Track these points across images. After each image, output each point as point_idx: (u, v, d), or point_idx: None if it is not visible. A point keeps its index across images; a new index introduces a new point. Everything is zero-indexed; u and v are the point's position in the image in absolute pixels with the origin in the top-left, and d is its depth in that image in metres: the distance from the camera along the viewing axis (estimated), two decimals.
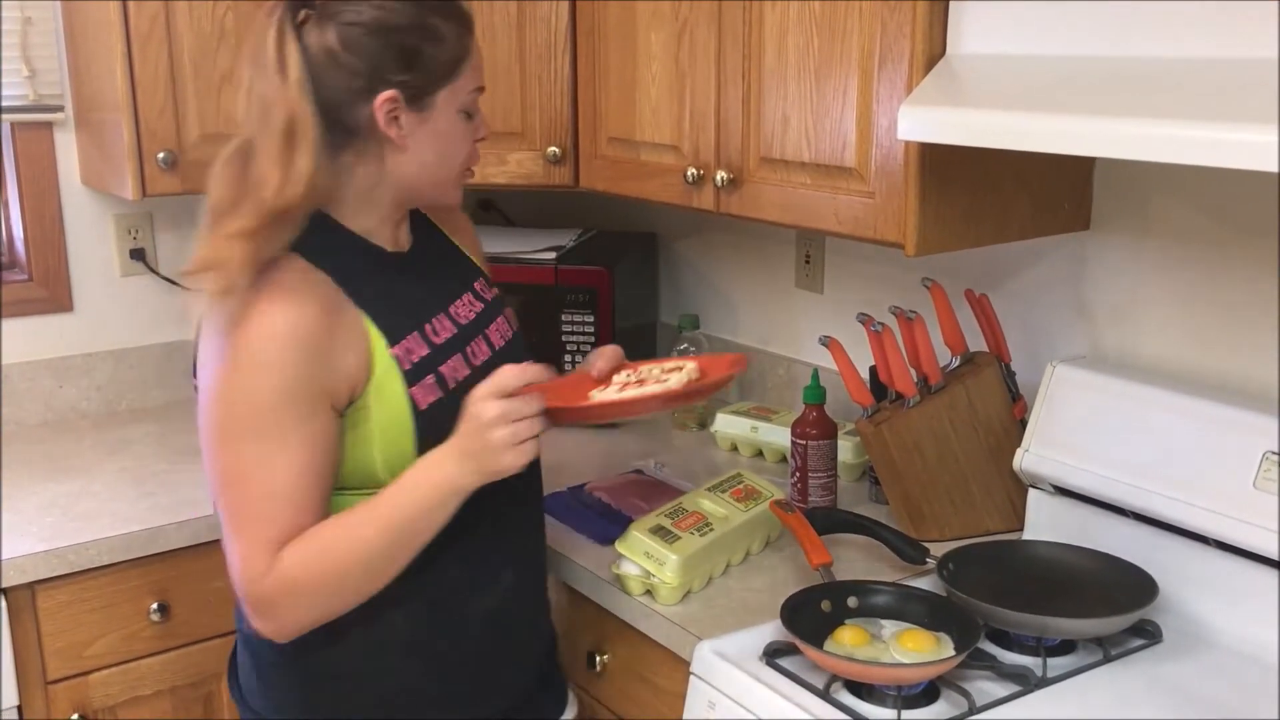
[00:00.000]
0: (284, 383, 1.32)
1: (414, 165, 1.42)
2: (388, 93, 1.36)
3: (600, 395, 1.49)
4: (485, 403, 1.33)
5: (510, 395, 1.33)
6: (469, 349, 1.49)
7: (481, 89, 1.47)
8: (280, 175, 1.32)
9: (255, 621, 1.39)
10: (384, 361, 1.39)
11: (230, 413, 1.34)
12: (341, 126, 1.37)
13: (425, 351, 1.44)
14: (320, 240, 1.39)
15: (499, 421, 1.32)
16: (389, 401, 1.39)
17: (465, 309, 1.53)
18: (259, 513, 1.34)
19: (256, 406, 1.32)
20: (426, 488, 1.36)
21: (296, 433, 1.34)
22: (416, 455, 1.39)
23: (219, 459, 1.36)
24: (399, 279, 1.46)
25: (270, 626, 1.39)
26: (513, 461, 1.34)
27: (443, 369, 1.44)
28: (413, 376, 1.41)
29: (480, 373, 1.43)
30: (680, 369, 1.49)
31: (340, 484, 1.41)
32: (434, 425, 1.39)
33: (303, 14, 1.35)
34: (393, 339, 1.40)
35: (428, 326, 1.46)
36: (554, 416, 1.39)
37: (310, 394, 1.34)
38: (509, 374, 1.34)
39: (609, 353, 1.56)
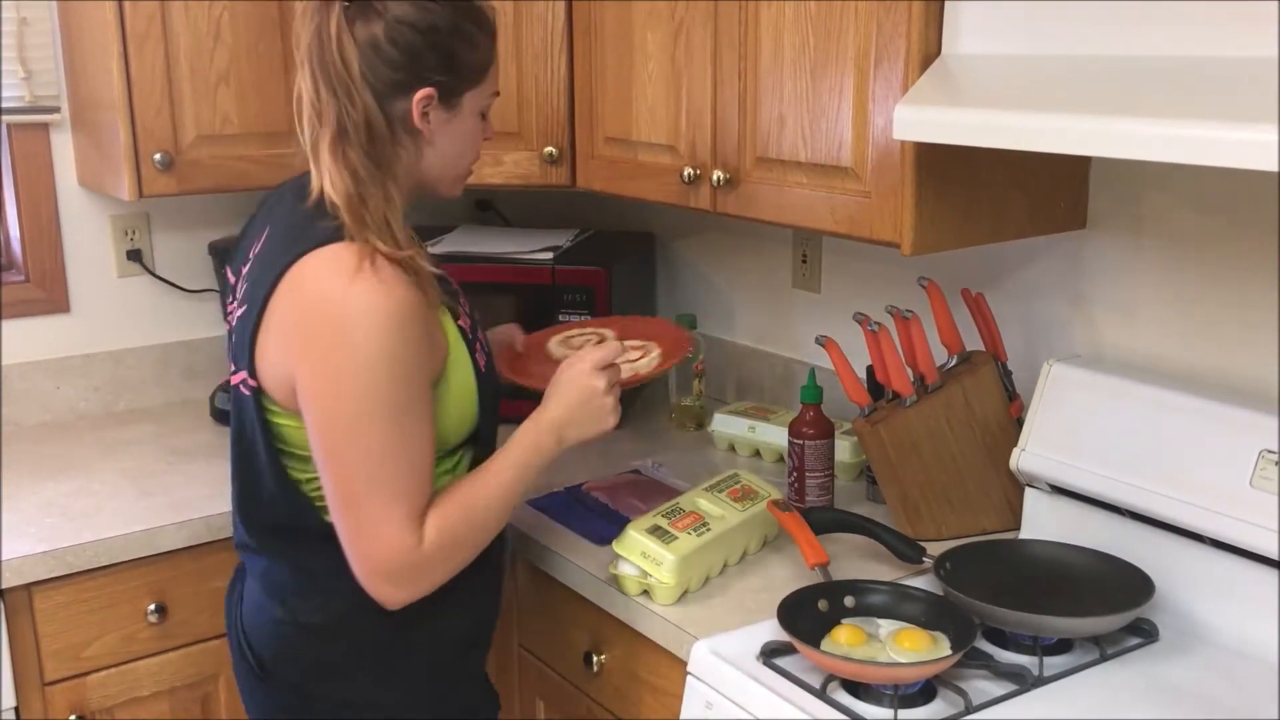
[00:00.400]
0: (412, 356, 1.40)
1: (436, 160, 1.52)
2: (426, 90, 1.45)
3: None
4: (597, 375, 1.53)
5: (609, 365, 1.55)
6: (478, 342, 1.57)
7: (498, 94, 1.57)
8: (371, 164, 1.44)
9: (389, 590, 1.44)
10: (454, 332, 1.50)
11: (362, 402, 1.38)
12: (383, 117, 1.45)
13: (469, 323, 1.56)
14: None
15: (609, 391, 1.54)
16: (461, 368, 1.50)
17: (465, 305, 1.60)
18: (408, 486, 1.41)
19: (387, 391, 1.38)
20: (538, 451, 1.52)
21: (426, 405, 1.43)
22: (478, 416, 1.52)
23: (362, 440, 1.39)
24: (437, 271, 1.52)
25: (406, 593, 1.45)
26: (614, 422, 1.55)
27: (476, 352, 1.55)
28: (471, 345, 1.53)
29: (490, 363, 1.58)
30: (644, 351, 1.79)
31: None
32: (488, 387, 1.54)
33: (344, 6, 1.41)
34: (455, 314, 1.52)
35: (460, 309, 1.56)
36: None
37: (425, 367, 1.43)
38: (611, 349, 1.57)
39: (513, 329, 1.85)
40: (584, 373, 1.54)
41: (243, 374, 1.49)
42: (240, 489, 1.58)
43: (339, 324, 1.37)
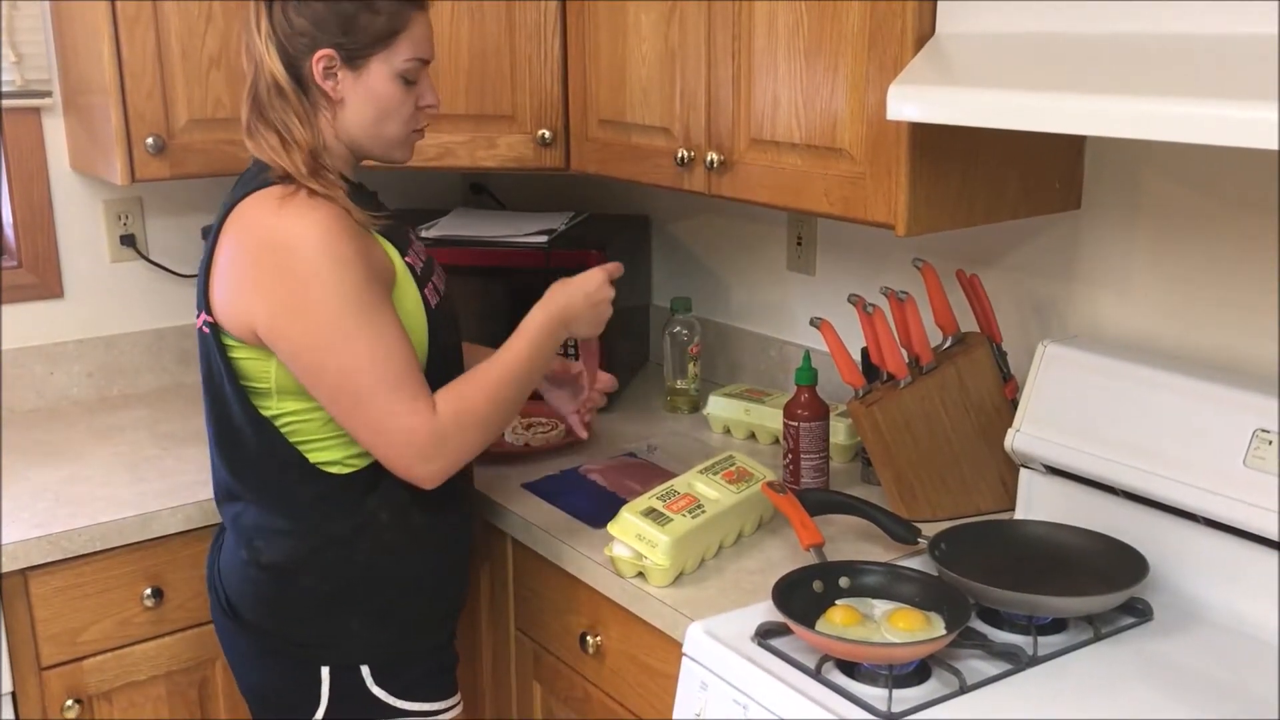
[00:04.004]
0: (356, 257, 1.51)
1: (355, 120, 1.61)
2: (324, 50, 1.56)
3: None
4: (605, 286, 1.70)
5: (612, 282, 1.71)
6: (431, 284, 1.68)
7: (423, 60, 1.63)
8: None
9: (422, 467, 1.55)
10: (401, 267, 1.61)
11: (325, 310, 1.49)
12: (299, 81, 1.58)
13: (420, 265, 1.68)
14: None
15: (608, 300, 1.71)
16: (409, 301, 1.61)
17: (419, 251, 1.72)
18: (401, 372, 1.52)
19: (343, 292, 1.49)
20: (550, 333, 1.66)
21: (387, 302, 1.55)
22: (429, 351, 1.62)
23: (340, 345, 1.50)
24: (377, 213, 1.63)
25: (438, 465, 1.56)
26: (600, 328, 1.73)
27: (426, 289, 1.66)
28: (420, 282, 1.64)
29: (444, 305, 1.69)
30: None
31: None
32: (439, 324, 1.65)
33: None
34: (401, 251, 1.63)
35: (410, 250, 1.67)
36: None
37: (374, 270, 1.54)
38: (614, 268, 1.73)
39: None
40: (592, 280, 1.69)
41: (202, 314, 1.60)
42: (214, 430, 1.66)
43: (277, 246, 1.50)
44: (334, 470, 1.61)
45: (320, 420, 1.59)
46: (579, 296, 1.68)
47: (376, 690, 1.65)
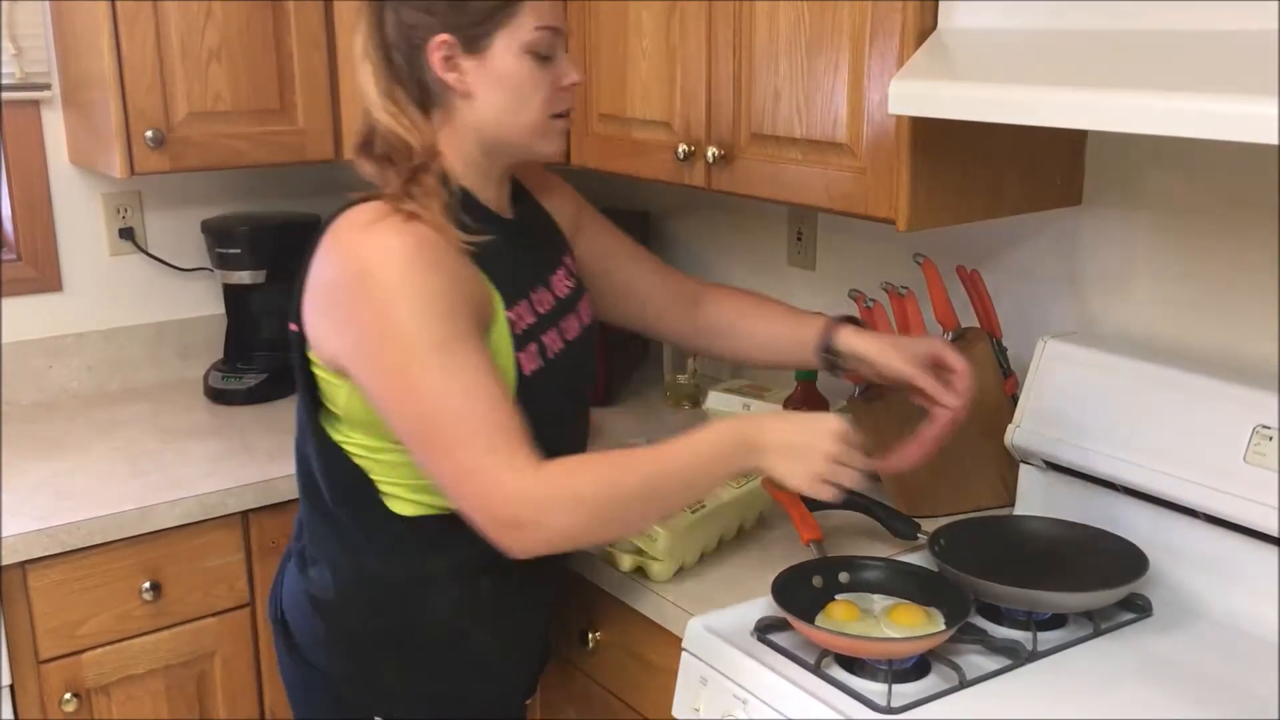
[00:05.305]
0: (442, 286, 1.32)
1: (487, 113, 1.42)
2: (439, 37, 1.38)
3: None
4: (838, 437, 1.37)
5: (851, 445, 1.38)
6: (563, 323, 1.52)
7: (555, 29, 1.43)
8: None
9: (508, 534, 1.32)
10: (500, 321, 1.41)
11: (401, 343, 1.31)
12: (420, 83, 1.41)
13: (531, 320, 1.46)
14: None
15: (833, 457, 1.37)
16: (501, 354, 1.40)
17: (561, 283, 1.56)
18: (489, 418, 1.30)
19: (424, 326, 1.30)
20: (732, 449, 1.38)
21: (478, 338, 1.35)
22: None
23: (416, 398, 1.31)
24: (507, 245, 1.45)
25: (530, 538, 1.32)
26: (809, 488, 1.38)
27: (544, 339, 1.47)
28: (520, 343, 1.43)
29: (574, 347, 1.51)
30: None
31: None
32: (534, 393, 1.42)
33: None
34: (508, 302, 1.42)
35: (534, 295, 1.48)
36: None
37: (465, 301, 1.34)
38: (857, 435, 1.40)
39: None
40: (829, 422, 1.39)
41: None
42: (296, 437, 1.54)
43: (357, 273, 1.33)
44: (401, 510, 1.46)
45: (390, 463, 1.44)
46: (793, 431, 1.39)
47: None
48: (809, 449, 1.37)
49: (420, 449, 1.35)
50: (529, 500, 1.30)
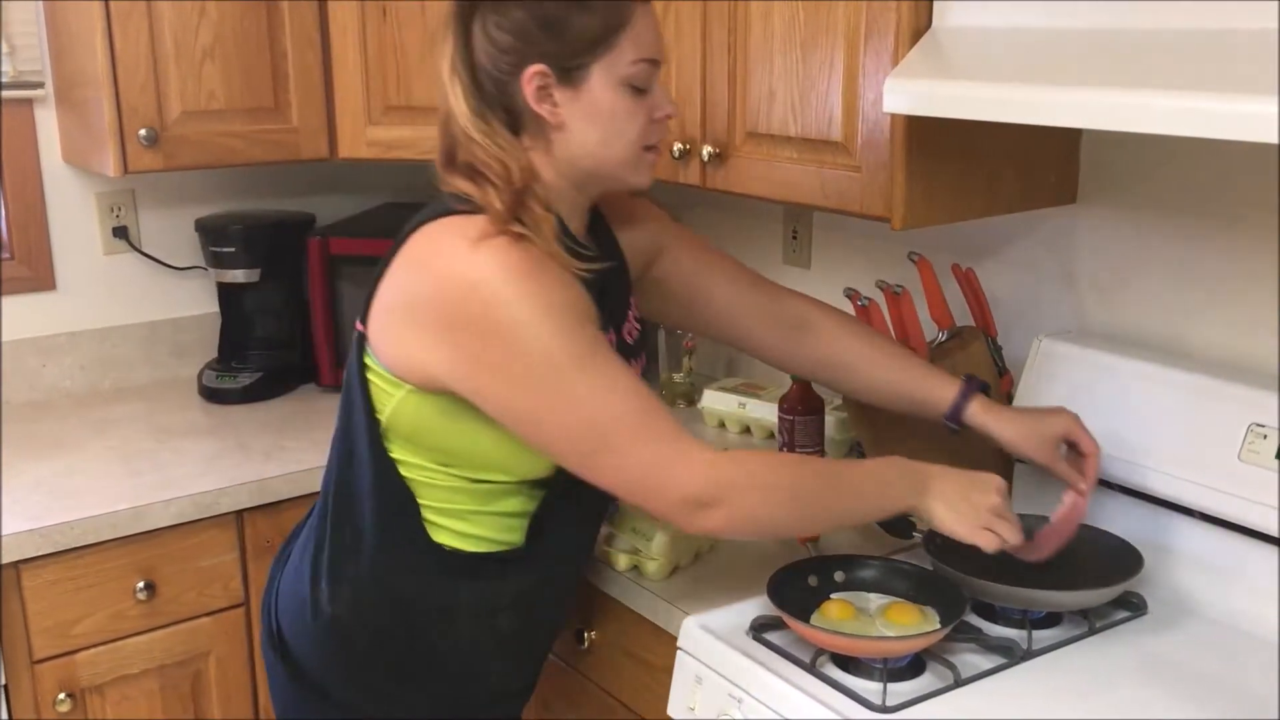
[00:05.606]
0: (565, 299, 1.30)
1: (579, 146, 1.37)
2: (534, 67, 1.33)
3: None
4: (1000, 492, 1.41)
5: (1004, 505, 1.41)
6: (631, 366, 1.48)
7: (654, 61, 1.38)
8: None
9: (705, 511, 1.30)
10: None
11: (548, 360, 1.28)
12: (508, 108, 1.36)
13: (625, 347, 1.48)
14: None
15: (996, 510, 1.40)
16: None
17: (630, 328, 1.55)
18: (646, 417, 1.30)
19: (560, 343, 1.28)
20: (895, 475, 1.40)
21: (604, 343, 1.33)
22: None
23: (574, 401, 1.29)
24: (592, 277, 1.40)
25: (723, 513, 1.31)
26: (968, 534, 1.39)
27: None
28: None
29: None
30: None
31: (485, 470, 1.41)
32: None
33: (478, 2, 1.35)
34: (603, 325, 1.40)
35: (612, 332, 1.47)
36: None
37: (581, 312, 1.32)
38: (1015, 535, 1.42)
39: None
40: (993, 480, 1.42)
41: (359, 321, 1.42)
42: (338, 434, 1.48)
43: (473, 298, 1.28)
44: (439, 539, 1.44)
45: (438, 486, 1.41)
46: (960, 482, 1.41)
47: None
48: (972, 501, 1.40)
49: (587, 458, 1.32)
50: (718, 481, 1.30)
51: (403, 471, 1.41)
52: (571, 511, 1.50)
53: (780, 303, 1.68)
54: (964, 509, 1.39)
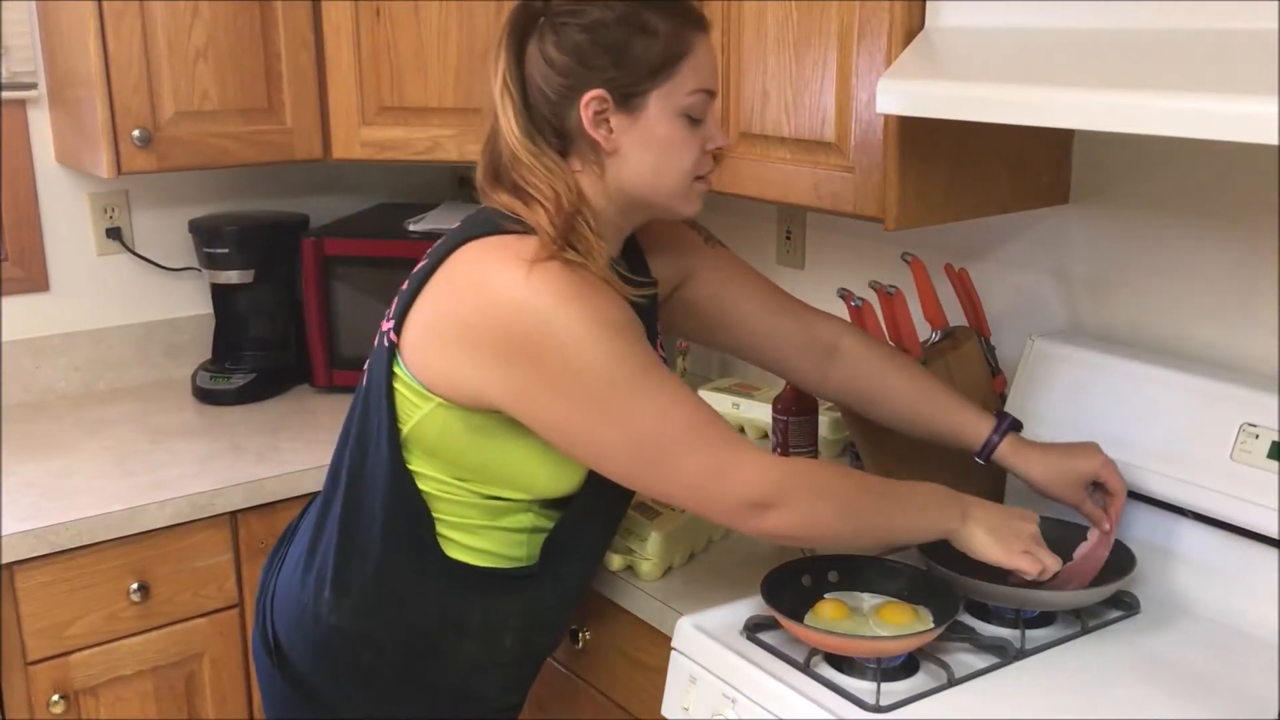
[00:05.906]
0: (620, 318, 1.31)
1: (632, 173, 1.37)
2: (593, 91, 1.32)
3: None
4: (1031, 527, 1.45)
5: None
6: None
7: (710, 92, 1.38)
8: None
9: (766, 513, 1.32)
10: None
11: (608, 377, 1.29)
12: (559, 131, 1.35)
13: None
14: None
15: (1034, 539, 1.44)
16: None
17: (662, 348, 1.56)
18: (706, 419, 1.33)
19: (616, 355, 1.29)
20: (939, 499, 1.43)
21: (657, 359, 1.35)
22: (585, 476, 1.42)
23: (633, 416, 1.30)
24: (640, 288, 1.42)
25: (784, 516, 1.33)
26: (1006, 558, 1.41)
27: None
28: None
29: None
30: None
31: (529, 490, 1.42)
32: None
33: (537, 20, 1.35)
34: None
35: (656, 346, 1.49)
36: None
37: (637, 330, 1.33)
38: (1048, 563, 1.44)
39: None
40: (1031, 517, 1.47)
41: (391, 324, 1.39)
42: (354, 438, 1.45)
43: (531, 324, 1.28)
44: (452, 554, 1.43)
45: (454, 501, 1.41)
46: (999, 514, 1.44)
47: None
48: (1014, 528, 1.43)
49: (647, 469, 1.33)
50: (779, 485, 1.32)
51: (432, 488, 1.41)
52: (588, 533, 1.51)
53: (811, 329, 1.66)
54: (1006, 535, 1.42)
